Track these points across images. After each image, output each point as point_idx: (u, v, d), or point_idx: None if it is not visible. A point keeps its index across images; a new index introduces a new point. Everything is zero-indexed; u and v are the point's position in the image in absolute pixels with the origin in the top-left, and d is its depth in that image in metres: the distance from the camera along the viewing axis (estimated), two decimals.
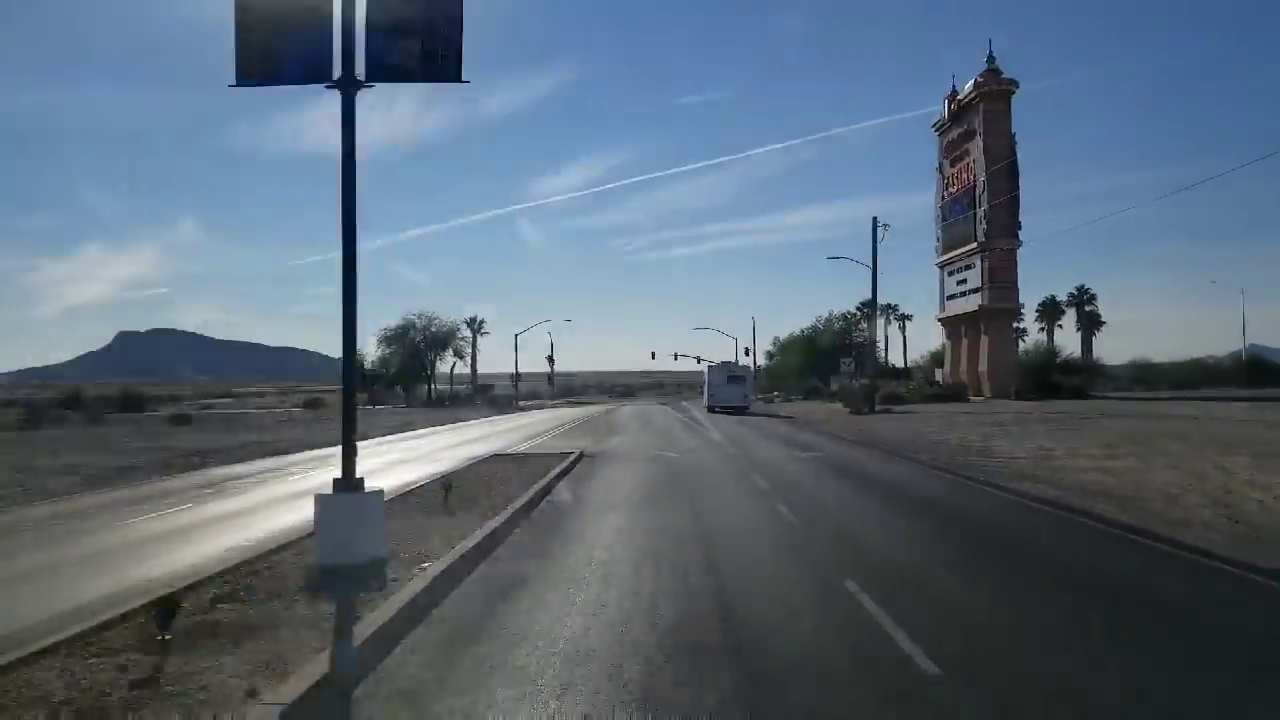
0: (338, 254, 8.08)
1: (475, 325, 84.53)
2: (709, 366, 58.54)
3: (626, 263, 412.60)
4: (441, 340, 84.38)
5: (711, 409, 49.81)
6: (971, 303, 54.77)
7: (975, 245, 53.84)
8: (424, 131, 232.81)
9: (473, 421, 46.39)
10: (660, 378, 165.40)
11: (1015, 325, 61.30)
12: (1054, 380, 53.36)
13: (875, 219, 41.94)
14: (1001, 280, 53.20)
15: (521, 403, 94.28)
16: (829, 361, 77.24)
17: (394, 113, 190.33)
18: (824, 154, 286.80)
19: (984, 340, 54.15)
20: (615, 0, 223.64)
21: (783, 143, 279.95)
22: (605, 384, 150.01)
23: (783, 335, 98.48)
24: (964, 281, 56.46)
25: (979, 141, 53.79)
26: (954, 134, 57.43)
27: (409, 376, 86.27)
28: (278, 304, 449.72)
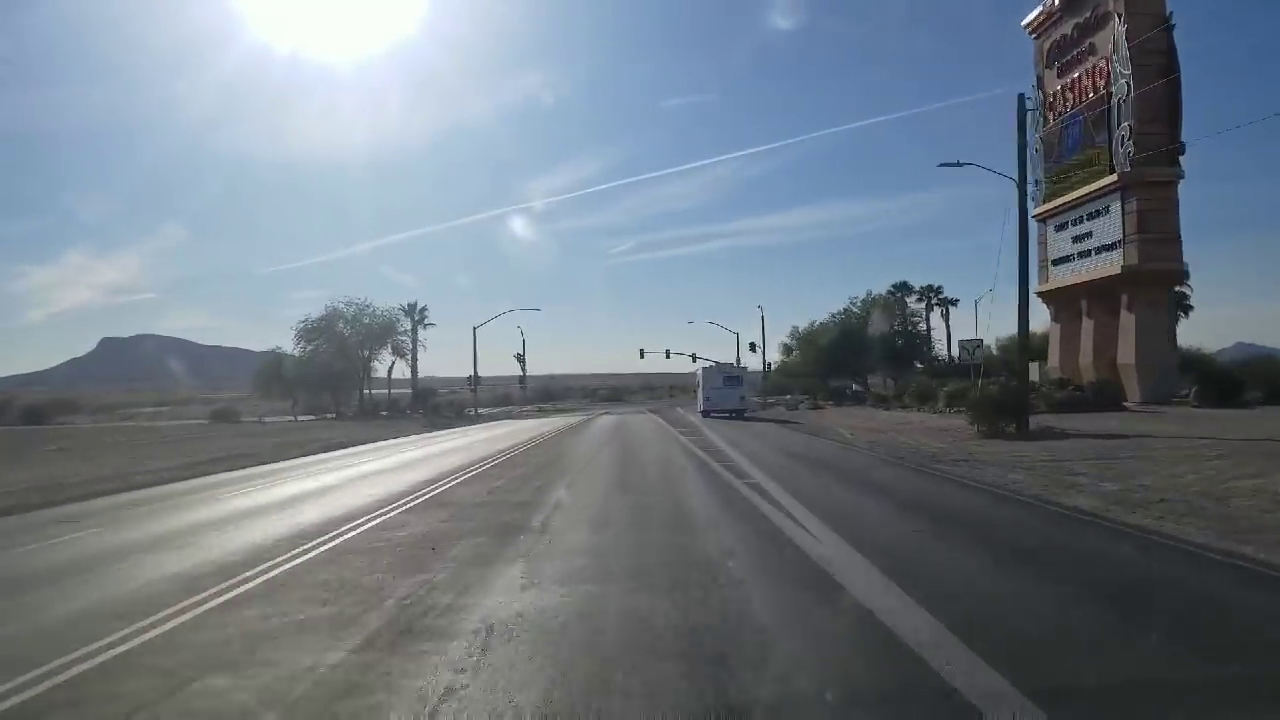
0: (322, 258, 0.73)
1: (415, 314, 65.20)
2: (703, 368, 50.63)
3: (614, 264, 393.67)
4: (377, 334, 65.40)
5: (706, 413, 43.83)
6: (1105, 264, 36.43)
7: (1114, 180, 35.48)
8: (413, 133, 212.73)
9: (360, 450, 27.79)
10: (651, 379, 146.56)
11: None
12: (1231, 376, 34.93)
13: (1022, 96, 23.57)
14: (1157, 230, 34.88)
15: (482, 410, 75.86)
16: (867, 355, 58.76)
17: (382, 113, 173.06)
18: (815, 154, 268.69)
19: (1126, 318, 35.81)
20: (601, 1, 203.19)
21: (769, 144, 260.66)
22: (590, 386, 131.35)
23: (791, 330, 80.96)
24: (1087, 236, 38.16)
25: (1115, 30, 35.46)
26: (1066, 28, 39.11)
27: (342, 380, 67.28)
28: (262, 308, 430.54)
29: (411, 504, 12.80)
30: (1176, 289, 60.64)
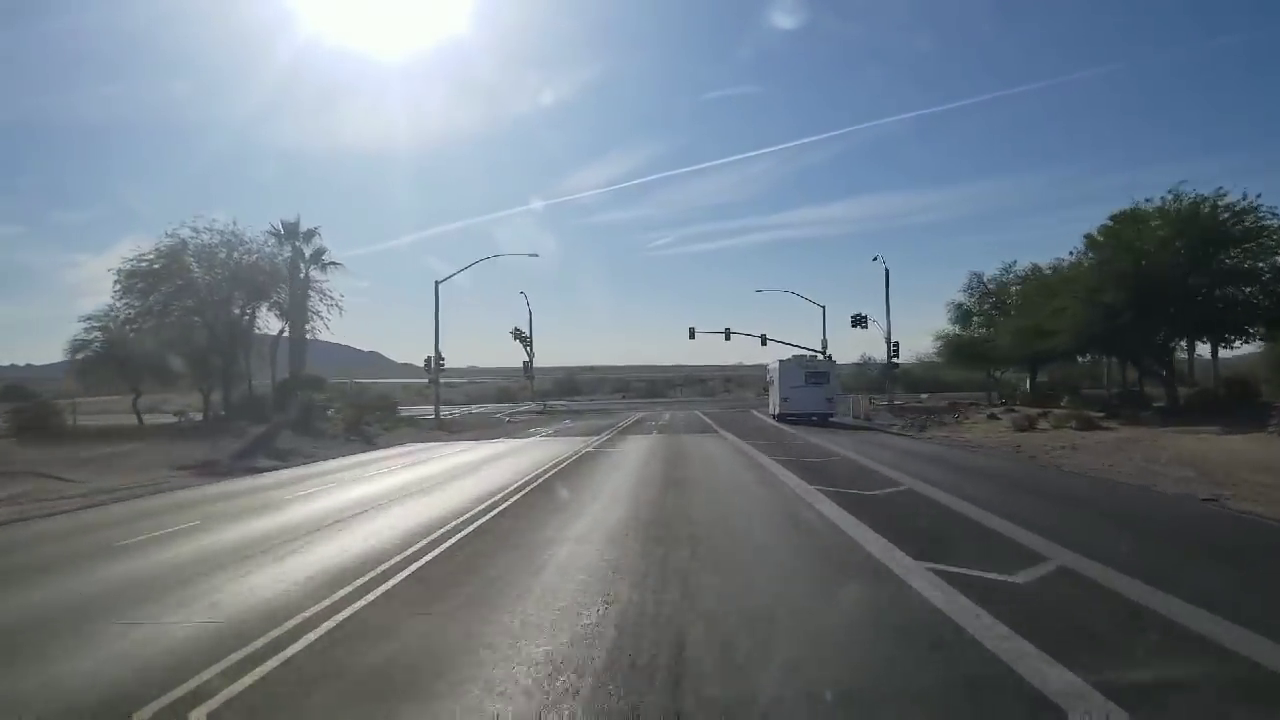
0: (365, 250, 0.75)
1: (298, 240, 34.75)
2: (779, 361, 37.41)
3: (656, 257, 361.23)
4: (253, 281, 36.45)
5: (782, 417, 33.76)
6: None
7: None
8: (453, 128, 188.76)
9: None
10: (697, 372, 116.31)
11: None
12: None
13: None
14: None
15: (449, 409, 46.99)
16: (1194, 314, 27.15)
17: (426, 108, 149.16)
18: (859, 146, 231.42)
19: None
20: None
21: (814, 136, 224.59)
22: (624, 379, 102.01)
23: (969, 279, 50.81)
24: None
25: None
26: None
27: (203, 361, 38.33)
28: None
29: None
30: None
